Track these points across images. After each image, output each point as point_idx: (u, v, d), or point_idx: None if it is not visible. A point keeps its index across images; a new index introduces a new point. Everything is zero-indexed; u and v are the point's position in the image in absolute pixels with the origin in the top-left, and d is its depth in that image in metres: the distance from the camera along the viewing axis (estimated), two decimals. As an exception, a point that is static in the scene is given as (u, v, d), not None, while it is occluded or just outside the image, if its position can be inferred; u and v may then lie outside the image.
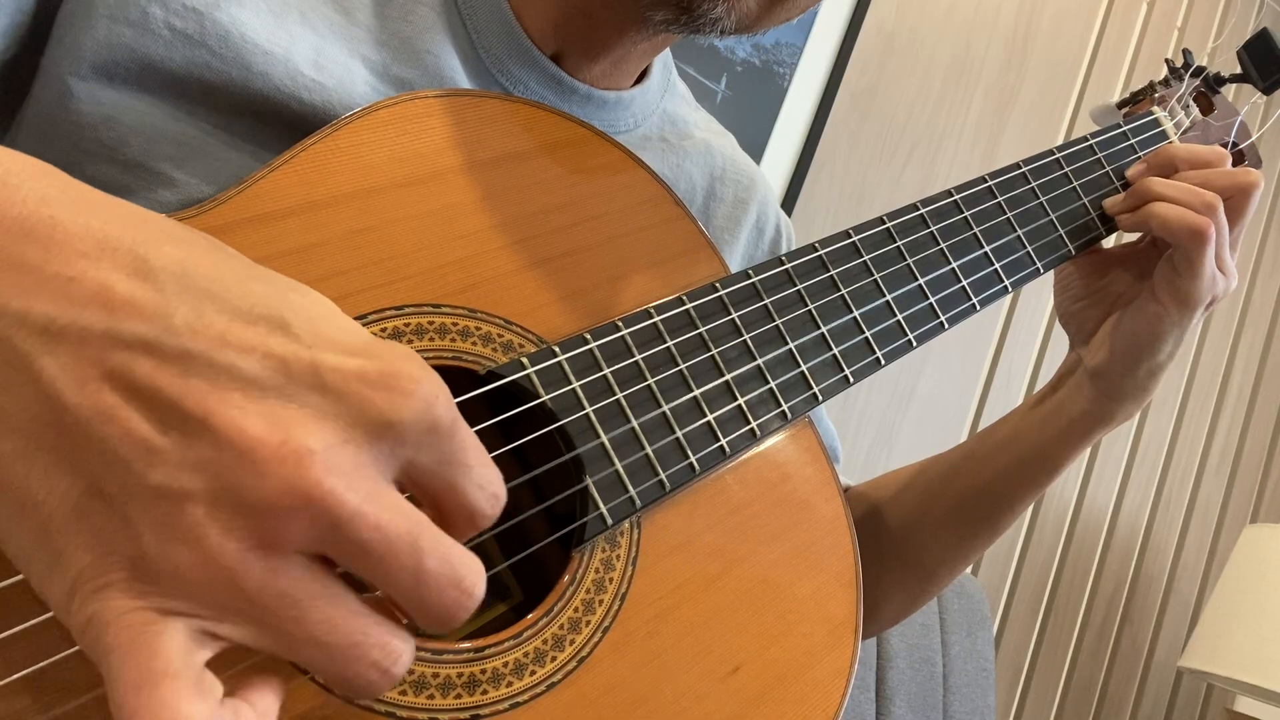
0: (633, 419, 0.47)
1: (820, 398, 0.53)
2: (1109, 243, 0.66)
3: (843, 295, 0.55)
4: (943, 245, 0.59)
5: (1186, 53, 0.72)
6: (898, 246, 0.58)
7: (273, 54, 0.49)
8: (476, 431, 0.44)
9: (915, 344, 0.57)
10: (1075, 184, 0.65)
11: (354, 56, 0.53)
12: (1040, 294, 1.92)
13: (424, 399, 0.27)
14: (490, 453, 0.43)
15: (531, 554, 0.48)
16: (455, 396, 0.43)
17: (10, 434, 0.25)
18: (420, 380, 0.27)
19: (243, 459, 0.25)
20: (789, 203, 1.62)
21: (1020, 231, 0.62)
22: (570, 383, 0.46)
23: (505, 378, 0.45)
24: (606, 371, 0.48)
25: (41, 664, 0.32)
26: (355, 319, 0.44)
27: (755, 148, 1.59)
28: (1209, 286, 0.62)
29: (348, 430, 0.26)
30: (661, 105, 0.70)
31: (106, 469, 0.25)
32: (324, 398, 0.26)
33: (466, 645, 0.42)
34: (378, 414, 0.27)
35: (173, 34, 0.48)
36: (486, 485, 0.30)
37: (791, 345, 0.53)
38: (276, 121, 0.50)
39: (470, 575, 0.28)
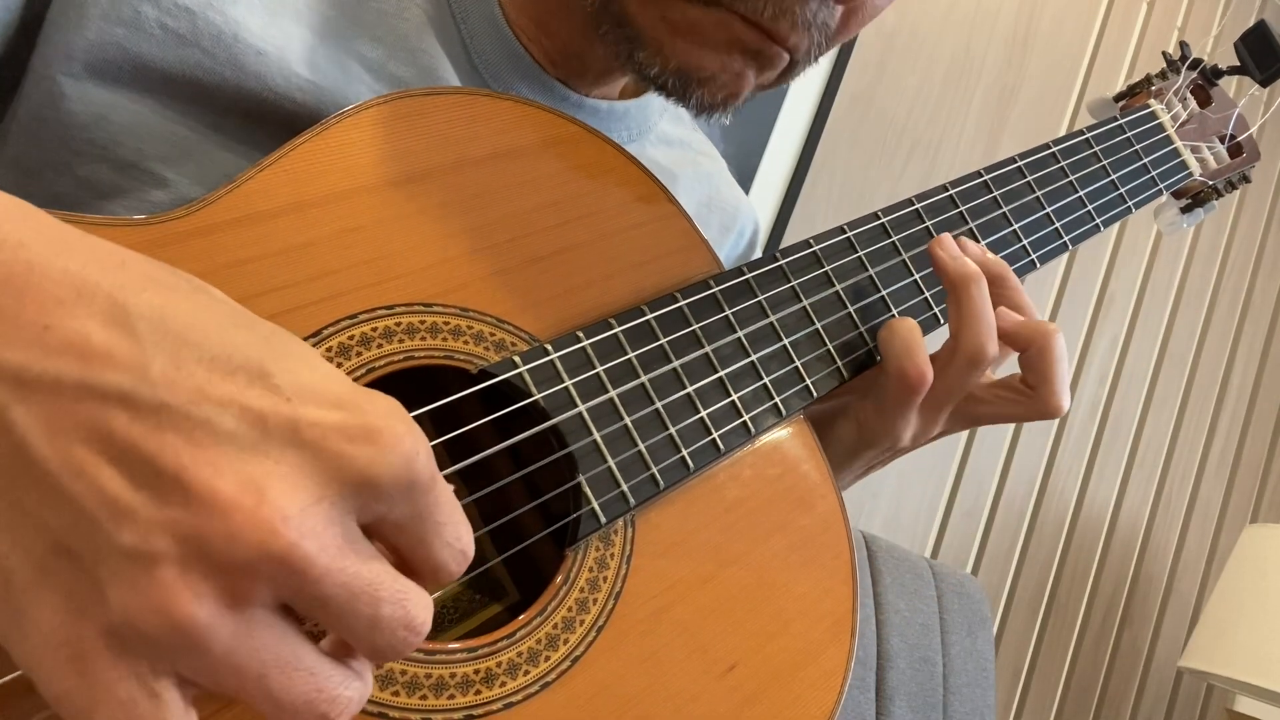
0: (625, 417, 0.47)
1: (814, 392, 0.53)
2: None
3: (837, 291, 0.55)
4: (938, 241, 0.59)
5: (1184, 45, 0.72)
6: (893, 242, 0.58)
7: (266, 53, 0.49)
8: (469, 431, 0.44)
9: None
10: (1071, 177, 0.65)
11: (349, 54, 0.53)
12: (1042, 289, 1.92)
13: (405, 456, 0.27)
14: (482, 451, 0.43)
15: (526, 553, 0.48)
16: (447, 396, 0.43)
17: None
18: (402, 437, 0.27)
19: (215, 520, 0.24)
20: (789, 202, 1.62)
21: (1015, 225, 0.62)
22: (563, 381, 0.46)
23: (497, 377, 0.45)
24: (599, 369, 0.47)
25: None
26: (345, 319, 0.44)
27: (755, 148, 1.59)
28: (901, 433, 0.56)
29: (324, 487, 0.26)
30: (660, 125, 0.70)
31: (74, 527, 0.24)
32: (301, 453, 0.26)
33: (460, 645, 0.41)
34: (356, 471, 0.26)
35: (165, 33, 0.47)
36: (455, 543, 0.30)
37: (785, 341, 0.53)
38: (270, 121, 0.50)
39: (421, 614, 0.28)
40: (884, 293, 0.57)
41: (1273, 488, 2.23)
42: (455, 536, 0.30)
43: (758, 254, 0.81)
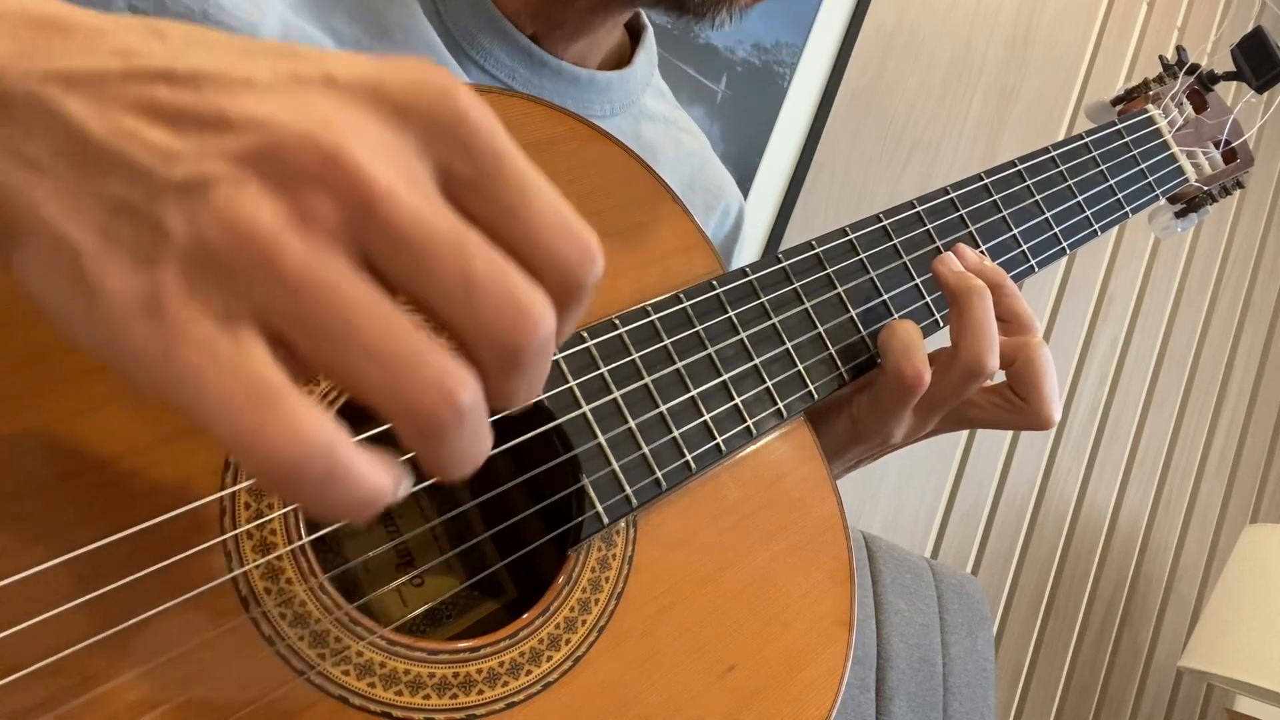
0: (630, 418, 0.47)
1: (816, 396, 0.53)
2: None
3: (839, 293, 0.55)
4: (938, 243, 0.59)
5: (1181, 50, 0.72)
6: (894, 245, 0.58)
7: (239, 32, 0.49)
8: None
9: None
10: (1070, 182, 0.65)
11: (325, 31, 0.53)
12: (1042, 290, 1.92)
13: (443, 90, 0.26)
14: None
15: (528, 554, 0.48)
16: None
17: (43, 178, 0.25)
18: (436, 75, 0.26)
19: (261, 133, 0.24)
20: (789, 202, 1.62)
21: (1015, 230, 0.62)
22: (567, 381, 0.46)
23: (500, 377, 0.45)
24: (603, 370, 0.48)
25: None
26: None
27: (755, 147, 1.59)
28: (894, 431, 0.57)
29: (366, 115, 0.25)
30: (642, 100, 0.70)
31: (131, 184, 0.25)
32: (338, 90, 0.26)
33: (462, 645, 0.42)
34: (393, 102, 0.26)
35: (134, 17, 0.47)
36: (561, 221, 0.27)
37: (788, 344, 0.53)
38: None
39: (527, 296, 0.25)
40: (885, 296, 0.57)
41: (1273, 488, 2.24)
42: (557, 214, 0.27)
43: (743, 234, 0.80)
